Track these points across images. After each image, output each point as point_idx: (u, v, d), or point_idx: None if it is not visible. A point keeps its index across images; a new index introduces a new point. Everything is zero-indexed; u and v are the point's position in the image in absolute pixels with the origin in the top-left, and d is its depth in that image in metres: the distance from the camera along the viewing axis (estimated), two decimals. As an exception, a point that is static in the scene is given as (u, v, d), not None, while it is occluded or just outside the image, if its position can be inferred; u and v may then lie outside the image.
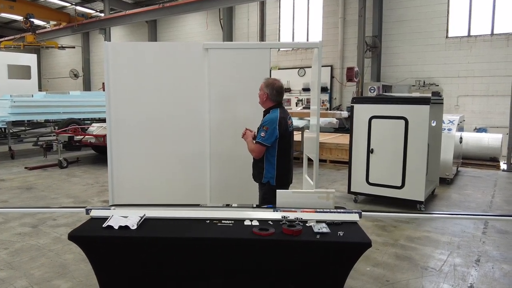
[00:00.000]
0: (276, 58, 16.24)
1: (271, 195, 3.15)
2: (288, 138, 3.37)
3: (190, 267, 2.57)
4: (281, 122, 3.26)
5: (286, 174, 3.40)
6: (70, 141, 9.11)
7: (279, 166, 3.31)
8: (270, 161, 3.31)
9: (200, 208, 2.91)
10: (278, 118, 3.25)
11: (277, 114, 3.29)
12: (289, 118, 3.47)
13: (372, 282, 3.40)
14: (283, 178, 3.36)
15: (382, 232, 4.65)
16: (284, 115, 3.38)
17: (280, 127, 3.24)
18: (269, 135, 3.21)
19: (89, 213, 2.78)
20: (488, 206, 5.91)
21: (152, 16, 16.43)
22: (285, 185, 3.41)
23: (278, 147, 3.29)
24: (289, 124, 3.42)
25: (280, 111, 3.34)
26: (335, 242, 2.40)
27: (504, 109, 11.26)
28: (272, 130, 3.21)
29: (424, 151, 5.32)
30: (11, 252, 4.00)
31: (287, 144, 3.37)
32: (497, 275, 3.58)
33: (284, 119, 3.32)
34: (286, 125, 3.32)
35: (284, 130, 3.30)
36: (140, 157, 4.37)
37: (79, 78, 23.44)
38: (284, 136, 3.30)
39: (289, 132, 3.39)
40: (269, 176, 3.33)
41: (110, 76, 4.25)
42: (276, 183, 3.31)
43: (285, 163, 3.35)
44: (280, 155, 3.31)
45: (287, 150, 3.37)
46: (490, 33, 12.23)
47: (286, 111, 3.52)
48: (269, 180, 3.34)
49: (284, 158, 3.33)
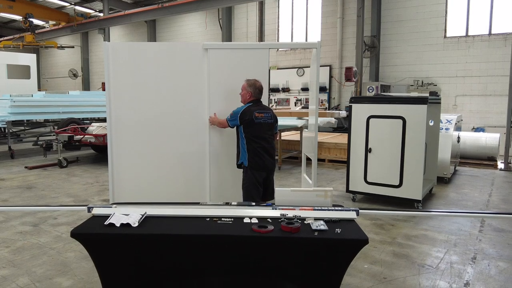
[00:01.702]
0: (275, 58, 16.28)
1: (248, 177, 3.97)
2: (254, 127, 3.94)
3: (190, 264, 2.61)
4: (244, 112, 3.92)
5: (257, 158, 3.96)
6: (70, 140, 9.13)
7: (249, 150, 3.95)
8: (243, 146, 4.00)
9: (200, 206, 2.95)
10: (242, 110, 3.96)
11: (243, 107, 3.99)
12: (261, 112, 3.99)
13: (370, 279, 3.45)
14: (254, 161, 3.95)
15: (380, 230, 4.70)
16: (254, 108, 3.97)
17: (242, 116, 3.91)
18: (232, 119, 4.00)
19: (91, 211, 2.82)
20: (485, 205, 5.96)
21: (151, 16, 16.44)
22: (257, 169, 3.97)
23: (245, 134, 3.95)
24: (257, 116, 3.95)
25: (251, 105, 3.99)
26: (332, 239, 2.44)
27: (501, 109, 11.33)
28: (234, 116, 3.97)
29: (421, 151, 5.37)
30: (12, 250, 4.04)
31: (255, 132, 3.95)
32: (493, 272, 3.63)
33: (250, 110, 3.94)
34: (250, 115, 3.92)
35: (247, 119, 3.91)
36: (140, 156, 4.41)
37: (78, 77, 23.45)
38: (249, 124, 3.92)
39: (255, 122, 3.93)
40: (242, 158, 4.02)
41: (110, 76, 4.29)
42: (248, 165, 3.96)
43: (255, 148, 3.95)
44: (248, 141, 3.96)
45: (255, 137, 3.96)
46: (488, 33, 12.30)
47: (263, 106, 4.12)
48: (243, 161, 4.02)
49: (253, 144, 3.95)
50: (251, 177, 3.96)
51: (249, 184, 3.98)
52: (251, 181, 3.96)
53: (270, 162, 4.07)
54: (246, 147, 3.95)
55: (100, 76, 22.36)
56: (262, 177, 4.02)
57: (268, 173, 4.08)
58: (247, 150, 3.95)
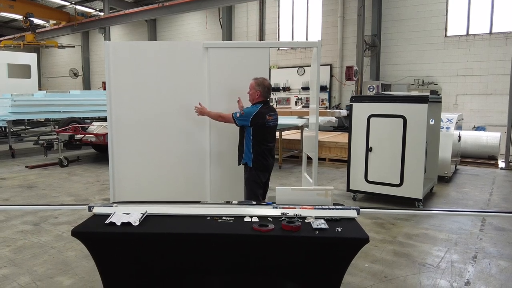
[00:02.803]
0: (275, 57, 16.27)
1: (252, 176, 3.93)
2: (264, 130, 3.90)
3: (191, 263, 2.61)
4: (258, 115, 3.81)
5: (262, 159, 3.94)
6: (71, 140, 9.14)
7: (256, 152, 3.90)
8: (248, 146, 3.92)
9: (200, 205, 2.95)
10: (256, 111, 3.83)
11: (257, 108, 3.86)
12: (271, 115, 3.95)
13: (370, 278, 3.45)
14: (259, 162, 3.93)
15: (380, 229, 4.70)
16: (265, 110, 3.89)
17: (255, 119, 3.80)
18: (242, 119, 3.84)
19: (92, 210, 2.82)
20: (486, 204, 5.96)
21: (151, 15, 16.44)
22: (262, 170, 3.97)
23: (254, 136, 3.88)
24: (268, 120, 3.90)
25: (263, 106, 3.89)
26: (333, 238, 2.44)
27: (502, 108, 11.30)
28: (245, 117, 3.82)
29: (422, 149, 5.37)
30: (13, 250, 4.04)
31: (264, 135, 3.93)
32: (494, 271, 3.63)
33: (262, 113, 3.84)
34: (263, 119, 3.84)
35: (260, 122, 3.83)
36: (140, 155, 4.41)
37: (78, 77, 23.46)
38: (260, 127, 3.85)
39: (266, 126, 3.89)
40: (247, 159, 3.94)
41: (111, 75, 4.30)
42: (253, 166, 3.92)
43: (262, 150, 3.92)
44: (256, 143, 3.89)
45: (264, 140, 3.93)
46: (489, 32, 12.27)
47: (272, 108, 4.05)
48: (247, 161, 3.95)
49: (260, 146, 3.90)
50: (255, 178, 3.97)
51: (254, 184, 3.98)
52: (255, 181, 3.98)
53: (272, 163, 4.13)
54: (253, 148, 3.90)
55: (101, 75, 22.37)
56: (266, 177, 4.08)
57: (269, 175, 4.14)
58: (253, 151, 3.91)
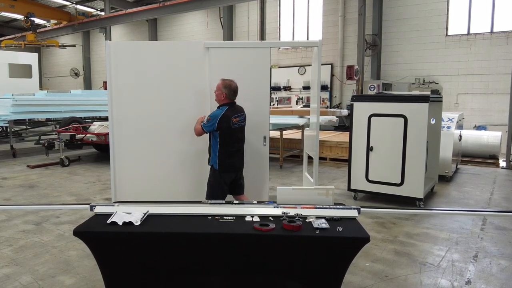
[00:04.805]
0: (276, 57, 16.27)
1: (215, 177, 3.99)
2: (230, 133, 3.92)
3: (192, 262, 2.62)
4: (223, 118, 3.82)
5: (228, 162, 3.98)
6: (72, 139, 9.16)
7: (221, 154, 3.94)
8: (214, 150, 3.98)
9: (201, 205, 2.96)
10: (221, 115, 3.84)
11: (222, 112, 3.86)
12: (237, 116, 3.95)
13: (371, 277, 3.45)
14: (225, 165, 3.97)
15: (381, 228, 4.70)
16: (230, 113, 3.88)
17: (220, 122, 3.81)
18: (209, 125, 3.87)
19: (93, 210, 2.83)
20: (487, 203, 5.96)
21: (152, 14, 16.46)
22: (229, 171, 4.01)
23: (220, 139, 3.91)
24: (234, 122, 3.91)
25: (228, 109, 3.88)
26: (334, 237, 2.45)
27: (503, 107, 11.29)
28: (212, 122, 3.84)
29: (423, 149, 5.36)
30: (15, 249, 4.06)
31: (230, 138, 3.94)
32: (494, 270, 3.64)
33: (227, 116, 3.85)
34: (228, 122, 3.86)
35: (226, 125, 3.85)
36: (142, 155, 4.42)
37: (79, 76, 23.49)
38: (226, 130, 3.87)
39: (232, 128, 3.90)
40: (213, 161, 4.00)
41: (112, 75, 4.30)
42: (218, 168, 3.96)
43: (228, 152, 3.95)
44: (222, 145, 3.92)
45: (230, 142, 3.95)
46: (490, 31, 12.26)
47: (238, 109, 4.01)
48: (213, 164, 4.01)
49: (226, 148, 3.94)
50: (218, 179, 4.00)
51: (214, 183, 4.01)
52: (217, 181, 4.01)
53: (239, 163, 4.14)
54: (219, 151, 3.94)
55: (102, 75, 22.40)
56: (231, 178, 4.07)
57: (236, 173, 4.13)
58: (219, 154, 3.94)
